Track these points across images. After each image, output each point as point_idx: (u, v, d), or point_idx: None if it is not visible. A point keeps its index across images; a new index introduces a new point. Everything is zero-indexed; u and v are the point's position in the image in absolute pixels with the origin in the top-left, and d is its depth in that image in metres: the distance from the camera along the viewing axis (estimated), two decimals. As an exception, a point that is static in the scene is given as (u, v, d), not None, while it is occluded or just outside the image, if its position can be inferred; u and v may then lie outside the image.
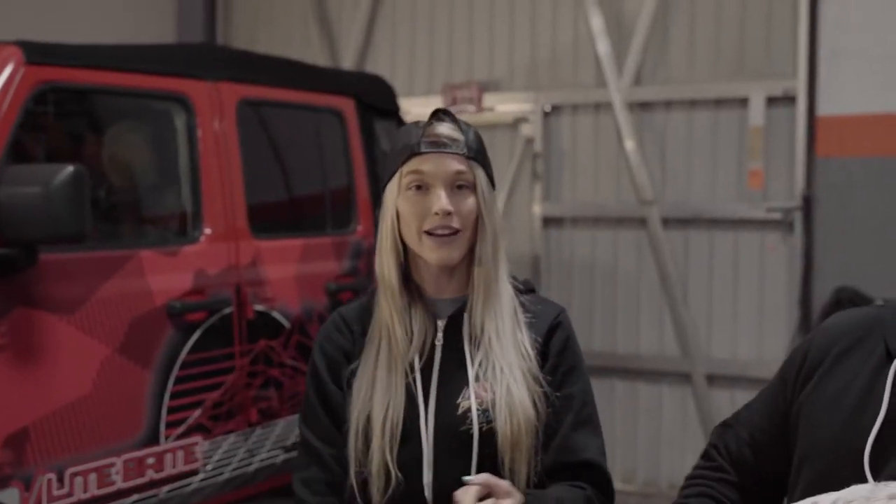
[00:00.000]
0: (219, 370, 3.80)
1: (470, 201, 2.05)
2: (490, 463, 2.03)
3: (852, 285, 5.37)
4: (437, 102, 6.38)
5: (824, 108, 5.54)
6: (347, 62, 6.67)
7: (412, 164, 2.04)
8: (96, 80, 3.57)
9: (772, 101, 5.70)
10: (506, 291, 2.12)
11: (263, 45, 6.77)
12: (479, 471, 2.00)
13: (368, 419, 2.03)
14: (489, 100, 6.35)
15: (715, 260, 5.92)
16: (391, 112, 4.80)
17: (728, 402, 5.69)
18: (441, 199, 2.01)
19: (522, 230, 6.37)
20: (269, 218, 4.16)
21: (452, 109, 6.25)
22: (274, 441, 4.05)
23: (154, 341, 3.57)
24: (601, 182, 6.19)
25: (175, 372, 3.63)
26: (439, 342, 2.09)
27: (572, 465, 2.09)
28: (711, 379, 5.86)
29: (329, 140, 4.46)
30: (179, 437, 3.65)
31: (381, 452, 2.01)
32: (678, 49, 5.98)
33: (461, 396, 2.04)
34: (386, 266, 2.09)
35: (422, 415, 2.03)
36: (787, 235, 5.69)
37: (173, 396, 3.62)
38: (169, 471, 3.61)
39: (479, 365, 2.07)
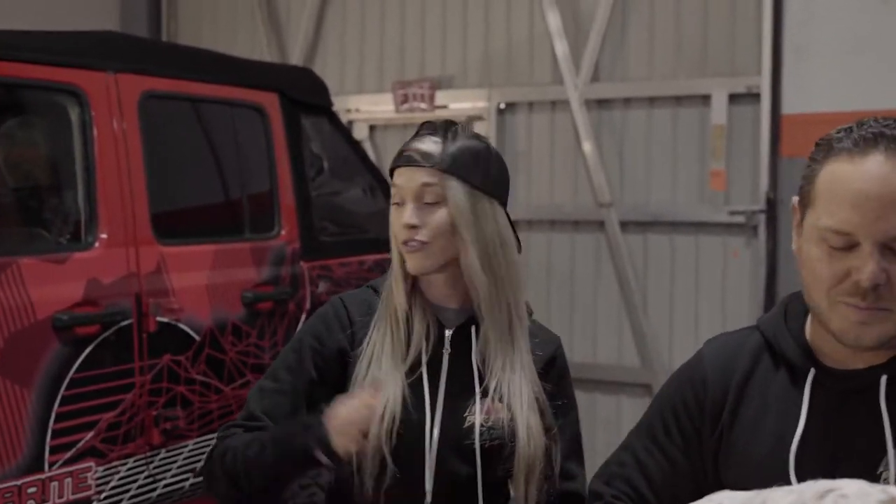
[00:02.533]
0: (115, 388, 3.39)
1: (439, 215, 2.03)
2: (491, 479, 2.05)
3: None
4: (387, 100, 6.01)
5: (789, 106, 5.18)
6: (295, 58, 6.28)
7: (393, 178, 2.08)
8: (-27, 70, 3.17)
9: (735, 99, 5.34)
10: (515, 308, 2.10)
11: (208, 42, 6.41)
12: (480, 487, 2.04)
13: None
14: (442, 97, 5.96)
15: (676, 265, 5.54)
16: (322, 108, 4.40)
17: (689, 415, 5.30)
18: (405, 212, 2.03)
19: (476, 234, 5.97)
20: (176, 222, 3.74)
21: (403, 108, 5.93)
22: (181, 464, 3.64)
23: (35, 358, 3.15)
24: (557, 183, 5.80)
25: (62, 391, 3.22)
26: (447, 351, 2.07)
27: (559, 493, 2.13)
28: (671, 390, 5.47)
29: (249, 137, 4.04)
30: (67, 462, 3.24)
31: (378, 439, 1.97)
32: (637, 44, 5.60)
33: (468, 410, 2.04)
34: (395, 285, 2.09)
35: (427, 421, 2.02)
36: (750, 240, 5.31)
37: (59, 418, 3.21)
38: (55, 500, 3.19)
39: (490, 380, 2.05)
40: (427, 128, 2.10)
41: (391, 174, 2.10)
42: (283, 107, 4.12)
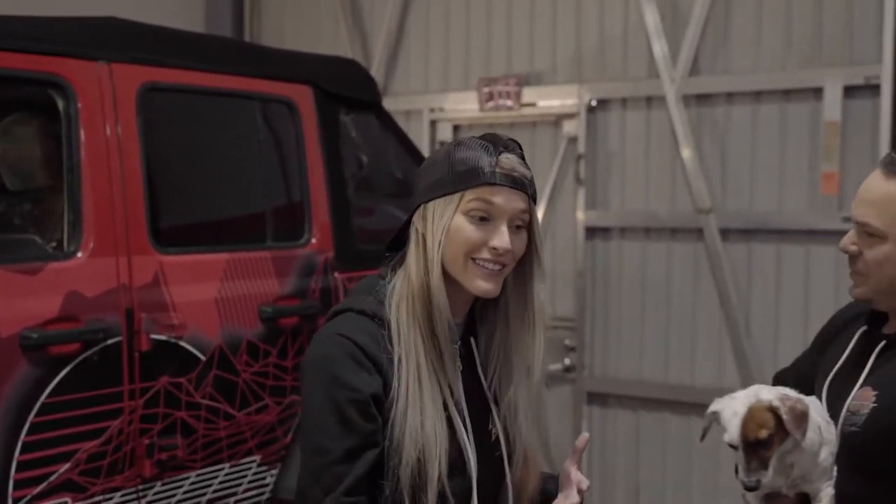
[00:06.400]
0: (97, 414, 2.93)
1: (522, 240, 1.92)
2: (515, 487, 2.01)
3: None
4: (472, 99, 5.44)
5: (914, 99, 4.39)
6: (378, 57, 5.77)
7: (482, 192, 1.87)
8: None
9: (850, 92, 4.59)
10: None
11: (291, 40, 5.97)
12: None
13: (424, 451, 1.83)
14: (529, 94, 5.35)
15: (783, 277, 4.80)
16: (367, 103, 3.86)
17: (796, 445, 4.56)
18: (504, 237, 1.88)
19: (564, 242, 5.35)
20: (180, 229, 3.26)
21: (488, 106, 5.35)
22: (180, 499, 3.15)
23: (-2, 380, 2.71)
24: (652, 187, 5.12)
25: (30, 418, 2.77)
26: (459, 367, 1.93)
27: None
28: (776, 417, 4.73)
29: (275, 135, 3.54)
30: (37, 497, 2.79)
31: (440, 483, 1.83)
32: (741, 32, 4.88)
33: (490, 422, 1.96)
34: (436, 288, 1.87)
35: (468, 445, 1.90)
36: (868, 250, 4.52)
37: (27, 448, 2.76)
38: (22, 539, 2.75)
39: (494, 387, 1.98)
40: (511, 145, 1.92)
41: (468, 185, 1.86)
42: (317, 101, 3.60)
